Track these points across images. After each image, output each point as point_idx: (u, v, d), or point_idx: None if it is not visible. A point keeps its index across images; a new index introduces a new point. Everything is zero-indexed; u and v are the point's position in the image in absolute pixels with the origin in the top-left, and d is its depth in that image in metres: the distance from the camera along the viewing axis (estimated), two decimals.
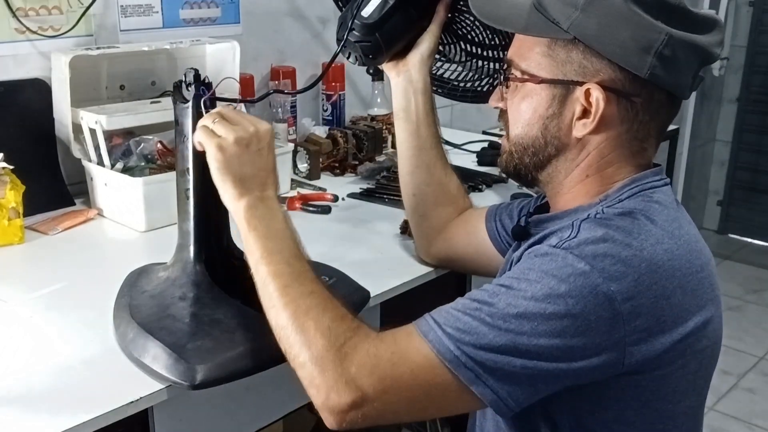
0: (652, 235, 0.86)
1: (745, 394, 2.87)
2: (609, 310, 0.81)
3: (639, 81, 0.89)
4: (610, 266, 0.82)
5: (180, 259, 1.12)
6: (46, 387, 0.97)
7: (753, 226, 4.20)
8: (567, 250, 0.84)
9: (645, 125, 0.93)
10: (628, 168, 0.95)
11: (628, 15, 0.87)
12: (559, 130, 0.94)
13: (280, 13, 2.10)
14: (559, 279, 0.82)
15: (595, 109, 0.90)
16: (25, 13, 1.60)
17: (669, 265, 0.85)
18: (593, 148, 0.94)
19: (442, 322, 0.85)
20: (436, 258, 1.32)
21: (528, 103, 0.96)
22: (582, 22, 0.89)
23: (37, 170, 1.59)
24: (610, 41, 0.88)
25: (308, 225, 1.59)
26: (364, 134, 1.97)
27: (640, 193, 0.92)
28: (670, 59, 0.88)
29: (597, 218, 0.88)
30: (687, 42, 0.89)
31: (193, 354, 0.97)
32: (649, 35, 0.87)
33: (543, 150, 0.96)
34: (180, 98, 1.07)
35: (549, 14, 0.92)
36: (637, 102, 0.91)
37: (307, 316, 0.88)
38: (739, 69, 4.08)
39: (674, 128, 2.79)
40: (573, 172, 0.96)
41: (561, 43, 0.92)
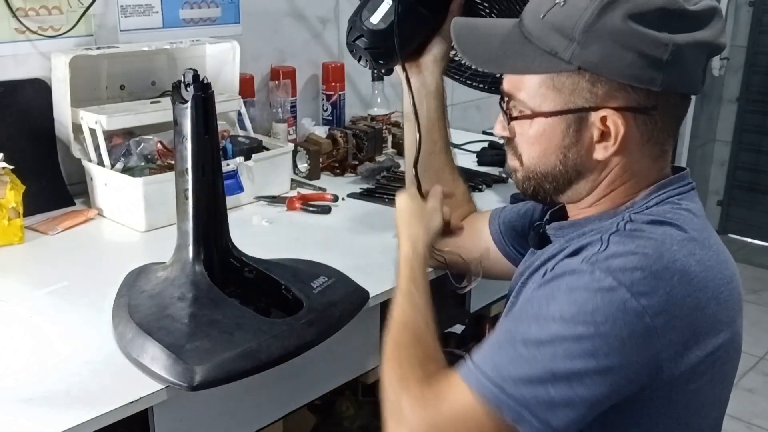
0: (684, 246, 0.84)
1: (745, 394, 2.87)
2: (640, 326, 0.79)
3: (653, 93, 0.86)
4: (639, 280, 0.80)
5: (179, 259, 1.12)
6: (46, 387, 0.97)
7: (753, 226, 4.20)
8: (594, 265, 0.81)
9: (663, 130, 0.90)
10: (653, 173, 0.92)
11: (631, 34, 0.84)
12: (579, 156, 0.91)
13: (280, 13, 2.10)
14: (587, 297, 0.80)
15: (614, 132, 0.87)
16: (25, 13, 1.60)
17: (702, 276, 0.83)
18: (615, 165, 0.91)
19: (480, 363, 0.83)
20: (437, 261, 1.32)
21: (542, 136, 0.91)
22: (583, 51, 0.85)
23: (37, 170, 1.59)
24: (617, 65, 0.85)
25: (308, 225, 1.59)
26: (364, 134, 1.97)
27: (667, 200, 0.90)
28: (681, 66, 0.85)
29: (627, 230, 0.85)
30: (692, 43, 0.86)
31: (192, 355, 0.97)
32: (656, 51, 0.84)
33: (563, 176, 0.93)
34: (179, 99, 1.07)
35: (543, 44, 0.88)
36: (655, 114, 0.88)
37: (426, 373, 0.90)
38: (739, 69, 4.08)
39: None
40: (595, 189, 0.93)
41: (566, 75, 0.88)
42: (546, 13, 0.89)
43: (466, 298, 1.54)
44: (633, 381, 0.81)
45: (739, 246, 4.20)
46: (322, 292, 1.15)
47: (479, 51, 0.97)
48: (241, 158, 1.65)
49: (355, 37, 1.21)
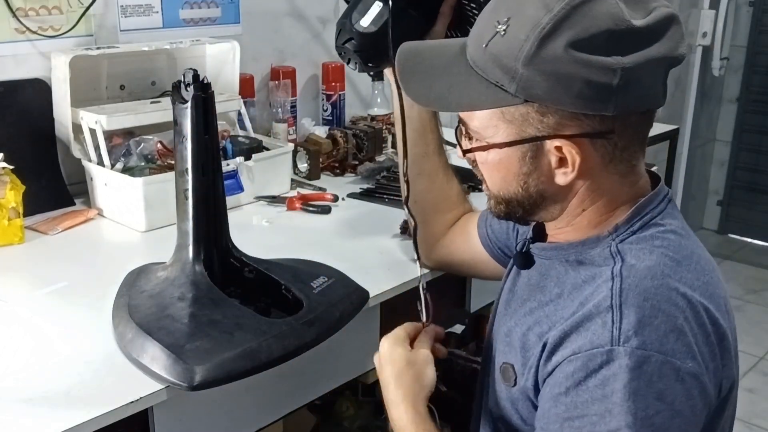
0: (686, 282, 0.83)
1: (745, 394, 2.86)
2: (697, 387, 0.79)
3: (609, 118, 0.82)
4: (675, 344, 0.78)
5: (179, 259, 1.12)
6: (46, 387, 0.97)
7: (753, 226, 4.20)
8: (629, 345, 0.78)
9: (626, 148, 0.87)
10: (624, 190, 0.90)
11: (575, 64, 0.79)
12: (540, 182, 0.88)
13: (280, 13, 2.10)
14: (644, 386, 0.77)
15: (571, 159, 0.85)
16: (25, 13, 1.60)
17: (708, 313, 0.83)
18: (580, 187, 0.89)
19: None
20: (437, 263, 1.32)
21: (500, 164, 0.89)
22: (528, 84, 0.81)
23: (37, 170, 1.59)
24: (564, 95, 0.81)
25: (308, 225, 1.59)
26: (364, 134, 1.97)
27: (651, 223, 0.88)
28: (634, 87, 0.81)
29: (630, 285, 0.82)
30: (645, 62, 0.81)
31: (192, 355, 0.97)
32: (604, 78, 0.79)
33: (528, 200, 0.91)
34: (179, 99, 1.07)
35: (489, 76, 0.84)
36: (612, 136, 0.84)
37: None
38: (739, 69, 4.08)
39: (674, 128, 2.78)
40: (566, 210, 0.91)
41: (514, 107, 0.84)
42: (488, 42, 0.84)
43: (466, 298, 1.54)
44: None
45: (739, 246, 4.20)
46: (322, 292, 1.15)
47: (425, 88, 0.93)
48: (241, 158, 1.65)
49: (345, 39, 1.20)
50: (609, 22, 0.79)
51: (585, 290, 0.86)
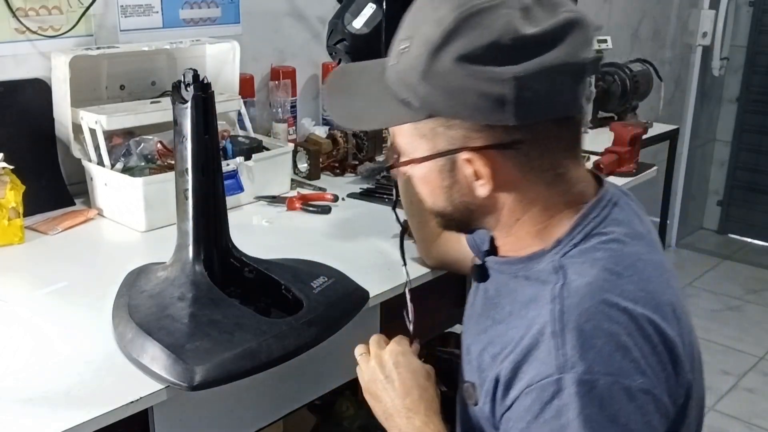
0: (627, 296, 0.81)
1: (745, 394, 2.86)
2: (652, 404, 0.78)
3: (512, 128, 0.82)
4: (623, 362, 0.78)
5: (179, 259, 1.12)
6: (46, 387, 0.97)
7: (753, 226, 4.20)
8: (575, 371, 0.77)
9: (545, 158, 0.86)
10: (557, 198, 0.88)
11: (465, 76, 0.80)
12: (464, 195, 0.89)
13: (280, 13, 2.10)
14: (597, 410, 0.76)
15: (482, 172, 0.85)
16: (25, 13, 1.60)
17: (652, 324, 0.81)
18: (506, 198, 0.89)
19: None
20: (436, 261, 1.33)
21: (425, 181, 0.91)
22: (429, 98, 0.83)
23: (37, 170, 1.59)
24: (462, 108, 0.82)
25: (308, 225, 1.59)
26: (364, 134, 1.97)
27: (592, 233, 0.87)
28: (532, 96, 0.80)
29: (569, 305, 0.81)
30: (541, 70, 0.79)
31: (192, 355, 0.97)
32: (497, 88, 0.79)
33: (457, 215, 0.92)
34: (179, 99, 1.07)
35: (399, 95, 0.86)
36: (522, 147, 0.84)
37: None
38: (739, 69, 4.08)
39: (674, 128, 2.78)
40: (500, 221, 0.91)
41: (424, 121, 0.86)
42: (397, 60, 0.87)
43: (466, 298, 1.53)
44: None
45: (739, 246, 4.20)
46: (322, 292, 1.15)
47: (343, 106, 0.97)
48: (241, 158, 1.65)
49: (337, 40, 1.20)
50: (498, 33, 0.79)
51: (530, 311, 0.85)
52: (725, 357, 3.09)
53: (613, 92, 2.65)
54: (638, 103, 2.76)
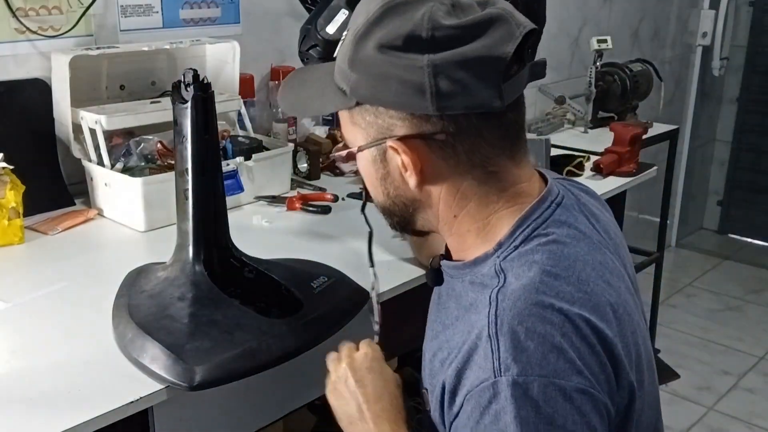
0: (563, 297, 0.81)
1: (745, 394, 2.87)
2: (589, 403, 0.78)
3: (434, 118, 0.84)
4: (558, 363, 0.77)
5: (179, 259, 1.12)
6: (46, 387, 0.97)
7: (753, 226, 4.20)
8: (509, 375, 0.77)
9: (473, 153, 0.86)
10: (492, 197, 0.89)
11: (388, 63, 0.83)
12: (397, 188, 0.91)
13: (280, 13, 2.10)
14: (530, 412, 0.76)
15: (407, 161, 0.86)
16: (25, 13, 1.60)
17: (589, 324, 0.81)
18: (439, 192, 0.89)
19: None
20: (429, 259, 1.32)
21: (363, 171, 0.94)
22: (356, 85, 0.86)
23: (37, 170, 1.59)
24: (385, 95, 0.85)
25: (308, 225, 1.59)
26: None
27: (534, 235, 0.87)
28: (451, 86, 0.81)
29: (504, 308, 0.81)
30: (459, 61, 0.81)
31: (192, 355, 0.97)
32: (414, 75, 0.81)
33: (397, 209, 0.93)
34: (179, 99, 1.07)
35: (337, 83, 0.90)
36: (447, 138, 0.85)
37: None
38: (739, 69, 4.08)
39: (674, 128, 2.78)
40: (440, 216, 0.92)
41: (356, 110, 0.89)
42: (337, 52, 0.91)
43: None
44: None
45: (739, 246, 4.20)
46: (322, 292, 1.15)
47: (291, 97, 1.00)
48: (241, 158, 1.65)
49: (309, 46, 1.20)
50: (418, 23, 0.82)
51: (472, 315, 0.86)
52: (725, 357, 3.09)
53: (613, 92, 2.65)
54: (638, 103, 2.76)
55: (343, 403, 0.98)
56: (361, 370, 0.99)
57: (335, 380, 1.00)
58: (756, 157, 4.14)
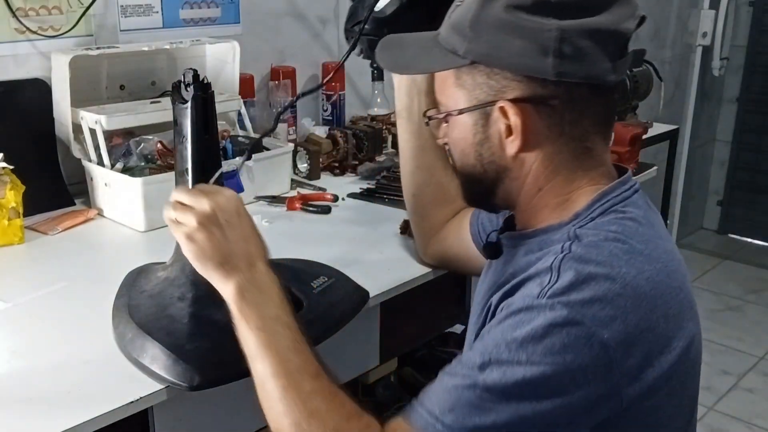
0: (633, 264, 0.83)
1: (745, 394, 2.87)
2: (604, 358, 0.78)
3: (550, 83, 0.85)
4: (599, 312, 0.79)
5: (179, 258, 1.11)
6: (46, 387, 0.97)
7: (753, 226, 4.20)
8: (553, 299, 0.80)
9: (576, 124, 0.88)
10: (580, 173, 0.91)
11: (514, 23, 0.84)
12: (493, 153, 0.91)
13: (280, 13, 2.10)
14: (552, 335, 0.78)
15: (515, 125, 0.87)
16: (25, 13, 1.60)
17: (652, 294, 0.82)
18: (533, 161, 0.90)
19: (438, 413, 0.80)
20: (433, 258, 1.33)
21: (457, 134, 0.94)
22: (474, 44, 0.87)
23: (37, 170, 1.59)
24: (506, 55, 0.86)
25: (308, 225, 1.59)
26: (364, 134, 1.97)
27: (611, 210, 0.89)
28: (573, 53, 0.83)
29: (575, 255, 0.83)
30: (585, 29, 0.84)
31: (192, 355, 0.97)
32: (540, 37, 0.83)
33: (485, 176, 0.94)
34: (179, 99, 1.07)
35: (447, 44, 0.91)
36: (556, 104, 0.87)
37: (310, 423, 0.84)
38: (739, 69, 4.08)
39: (674, 128, 2.78)
40: (524, 188, 0.93)
41: (465, 70, 0.90)
42: (451, 13, 0.92)
43: (466, 298, 1.54)
44: (593, 412, 0.80)
45: (739, 246, 4.20)
46: (322, 292, 1.15)
47: (393, 56, 1.02)
48: (241, 158, 1.64)
49: (356, 22, 1.20)
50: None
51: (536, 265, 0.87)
52: (725, 357, 3.09)
53: None
54: (638, 103, 2.75)
55: (213, 239, 0.92)
56: (229, 210, 0.93)
57: (201, 222, 0.92)
58: (756, 157, 4.13)
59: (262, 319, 0.89)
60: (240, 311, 0.89)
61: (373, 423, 0.85)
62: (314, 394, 0.85)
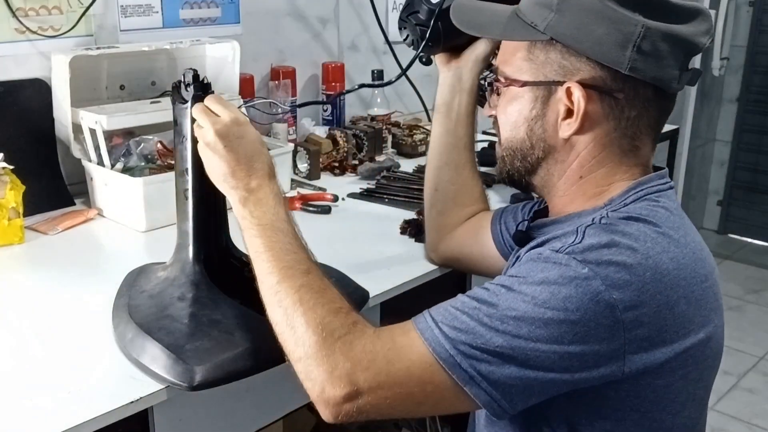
0: (658, 243, 0.85)
1: (745, 394, 2.87)
2: (610, 318, 0.80)
3: (620, 76, 0.88)
4: (613, 273, 0.80)
5: (179, 259, 1.12)
6: (46, 387, 0.97)
7: (753, 226, 4.20)
8: (570, 255, 0.82)
9: (633, 122, 0.91)
10: (623, 168, 0.93)
11: (602, 10, 0.86)
12: (545, 131, 0.93)
13: (280, 13, 2.10)
14: (560, 284, 0.80)
15: (576, 107, 0.89)
16: (25, 13, 1.60)
17: (675, 274, 0.84)
18: (582, 149, 0.93)
19: (440, 321, 0.84)
20: (443, 256, 1.32)
21: (513, 106, 0.95)
22: (557, 22, 0.89)
23: (37, 170, 1.59)
24: (586, 38, 0.87)
25: (308, 225, 1.58)
26: (364, 134, 1.97)
27: (645, 197, 0.91)
28: (651, 52, 0.86)
29: (602, 223, 0.86)
30: (667, 33, 0.87)
31: (192, 355, 0.97)
32: (625, 29, 0.86)
33: (531, 153, 0.96)
34: (179, 98, 1.07)
35: (527, 18, 0.92)
36: (621, 98, 0.89)
37: (298, 313, 0.88)
38: (739, 69, 4.08)
39: (674, 128, 2.78)
40: (565, 173, 0.95)
41: (540, 45, 0.91)
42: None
43: None
44: (593, 371, 0.82)
45: (739, 246, 4.20)
46: None
47: (469, 17, 1.03)
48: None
49: (411, 11, 1.19)
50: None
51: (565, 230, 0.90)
52: (725, 357, 3.06)
53: None
54: None
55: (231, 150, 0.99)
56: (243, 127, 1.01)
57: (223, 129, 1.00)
58: (756, 157, 4.13)
59: (259, 226, 0.97)
60: (242, 218, 0.98)
61: (361, 321, 0.88)
62: (304, 288, 0.90)
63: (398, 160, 1.99)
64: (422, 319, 0.86)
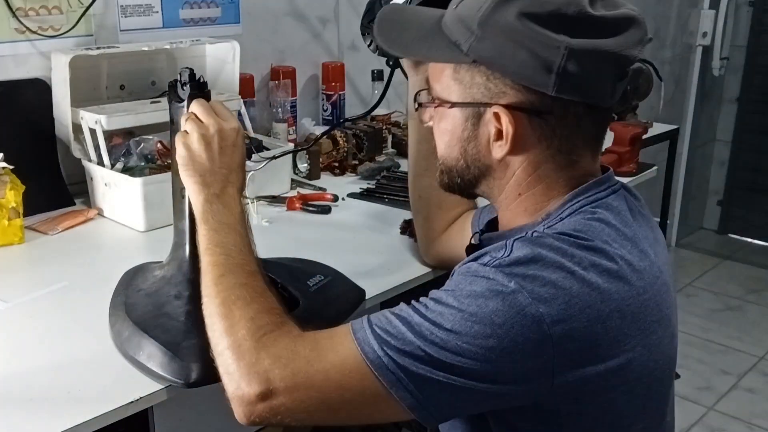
0: (586, 258, 0.82)
1: (745, 394, 2.86)
2: (537, 332, 0.78)
3: (548, 98, 0.84)
4: (539, 287, 0.79)
5: (175, 257, 1.12)
6: (46, 387, 0.98)
7: (753, 226, 4.20)
8: (498, 268, 0.81)
9: (567, 139, 0.88)
10: (561, 182, 0.90)
11: (524, 32, 0.83)
12: (478, 152, 0.91)
13: (280, 13, 2.10)
14: (487, 297, 0.79)
15: (506, 131, 0.87)
16: (25, 13, 1.60)
17: (605, 287, 0.81)
18: (517, 167, 0.90)
19: (375, 323, 0.83)
20: (436, 259, 1.33)
21: (445, 125, 0.94)
22: (479, 45, 0.86)
23: (37, 170, 1.59)
24: (509, 62, 0.84)
25: (308, 225, 1.59)
26: (364, 134, 1.97)
27: (581, 210, 0.88)
28: (577, 72, 0.82)
29: (532, 237, 0.85)
30: (592, 50, 0.83)
31: (188, 352, 0.97)
32: (547, 52, 0.82)
33: (467, 171, 0.94)
34: (175, 98, 1.07)
35: (452, 35, 0.89)
36: (550, 119, 0.86)
37: (234, 305, 0.89)
38: (739, 69, 4.08)
39: (674, 128, 2.78)
40: (504, 190, 0.93)
41: (465, 67, 0.89)
42: (459, 3, 0.90)
43: None
44: (521, 385, 0.80)
45: (739, 246, 4.20)
46: (319, 291, 1.15)
47: (392, 35, 1.00)
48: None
49: (371, 18, 1.19)
50: (565, 3, 0.83)
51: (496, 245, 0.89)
52: (725, 357, 3.09)
53: None
54: (638, 103, 2.75)
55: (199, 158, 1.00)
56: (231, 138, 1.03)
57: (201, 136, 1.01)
58: (756, 157, 4.13)
59: (219, 223, 0.97)
60: (202, 215, 0.98)
61: (291, 324, 0.88)
62: (244, 286, 0.91)
63: (398, 160, 1.99)
64: (359, 320, 0.85)
